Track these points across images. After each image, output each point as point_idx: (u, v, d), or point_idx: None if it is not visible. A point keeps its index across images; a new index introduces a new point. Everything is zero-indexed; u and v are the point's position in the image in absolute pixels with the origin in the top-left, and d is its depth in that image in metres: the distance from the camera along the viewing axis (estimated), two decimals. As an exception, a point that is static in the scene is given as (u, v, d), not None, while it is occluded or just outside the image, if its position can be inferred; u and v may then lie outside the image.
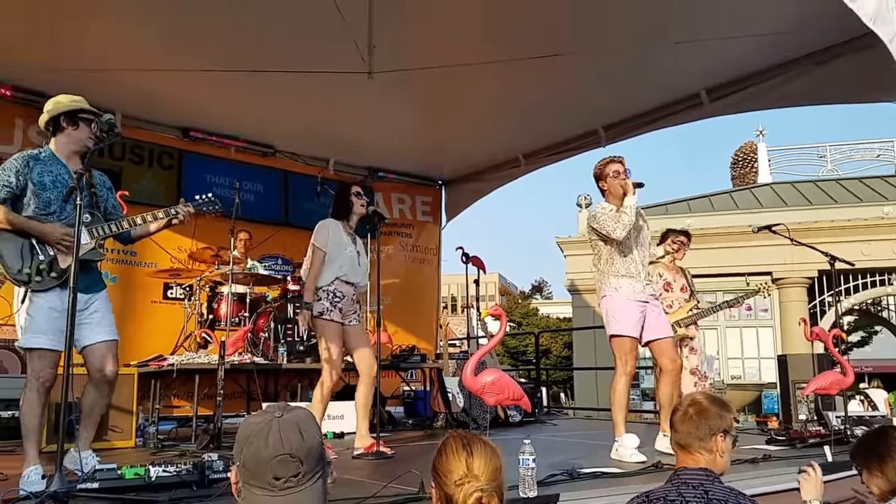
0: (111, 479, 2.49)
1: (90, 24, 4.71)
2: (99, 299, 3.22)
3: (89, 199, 3.18)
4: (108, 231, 3.21)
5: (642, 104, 6.23)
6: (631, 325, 3.85)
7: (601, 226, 3.86)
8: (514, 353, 28.18)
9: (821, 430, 4.60)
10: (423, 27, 4.93)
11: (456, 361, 6.19)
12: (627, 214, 3.79)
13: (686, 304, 5.17)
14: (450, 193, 8.60)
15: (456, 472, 1.41)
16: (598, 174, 3.99)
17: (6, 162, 3.07)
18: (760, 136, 18.16)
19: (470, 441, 1.46)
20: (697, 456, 1.90)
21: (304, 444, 1.26)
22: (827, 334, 4.61)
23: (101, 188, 3.32)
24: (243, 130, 6.94)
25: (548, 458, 3.41)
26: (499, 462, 1.44)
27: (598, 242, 3.97)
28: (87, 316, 3.15)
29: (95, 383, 3.20)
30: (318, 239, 4.04)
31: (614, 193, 3.92)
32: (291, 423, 1.27)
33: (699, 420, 1.91)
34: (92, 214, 3.18)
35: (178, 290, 6.36)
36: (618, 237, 3.81)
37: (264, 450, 1.24)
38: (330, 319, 4.00)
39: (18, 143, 5.89)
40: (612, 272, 3.90)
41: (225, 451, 4.11)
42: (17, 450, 4.17)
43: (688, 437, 1.91)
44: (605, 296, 3.93)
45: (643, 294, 3.91)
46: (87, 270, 3.18)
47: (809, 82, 5.21)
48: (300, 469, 1.25)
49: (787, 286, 14.16)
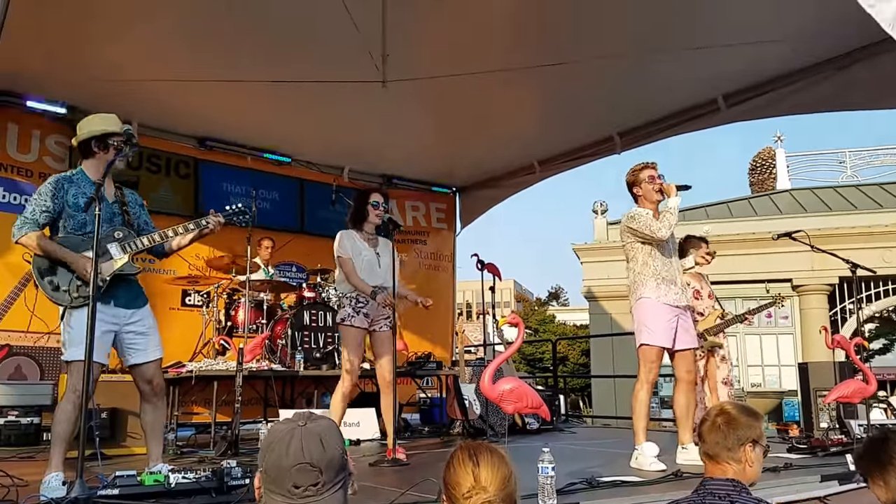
0: (131, 485, 2.51)
1: (110, 35, 4.78)
2: (142, 315, 3.28)
3: (122, 218, 3.28)
4: (141, 245, 3.27)
5: (658, 110, 6.20)
6: (664, 335, 3.80)
7: (643, 226, 3.79)
8: (530, 360, 28.08)
9: (843, 438, 4.51)
10: (436, 36, 4.95)
11: (472, 368, 6.16)
12: (673, 215, 3.76)
13: (713, 312, 5.11)
14: (464, 200, 8.61)
15: (464, 484, 1.40)
16: (633, 180, 3.95)
17: (41, 186, 3.17)
18: (779, 141, 17.98)
19: (477, 451, 1.44)
20: (725, 466, 1.86)
21: (325, 454, 1.26)
22: (848, 342, 4.54)
23: (133, 205, 3.40)
24: (259, 139, 7.00)
25: (567, 467, 3.38)
26: (507, 470, 1.42)
27: (636, 245, 3.89)
28: (133, 334, 3.23)
29: (146, 397, 3.28)
30: (340, 249, 4.14)
31: (649, 198, 3.89)
32: (314, 434, 1.29)
33: (727, 430, 1.87)
34: (125, 231, 3.26)
35: (195, 297, 6.42)
36: (663, 237, 3.76)
37: (285, 458, 1.26)
38: (350, 325, 4.07)
39: (35, 152, 6.00)
40: (651, 274, 3.83)
41: (243, 457, 4.14)
42: (37, 456, 4.24)
43: (716, 447, 1.88)
44: (642, 298, 3.85)
45: (681, 300, 3.88)
46: (127, 286, 3.25)
47: (828, 88, 5.16)
48: (319, 479, 1.26)
49: (808, 293, 13.96)
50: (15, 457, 4.19)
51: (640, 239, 3.87)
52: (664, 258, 3.88)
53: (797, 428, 6.28)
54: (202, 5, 4.54)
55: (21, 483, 2.98)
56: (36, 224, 3.07)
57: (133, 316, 3.24)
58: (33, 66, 5.10)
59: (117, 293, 3.18)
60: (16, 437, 4.79)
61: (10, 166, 5.86)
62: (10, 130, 5.86)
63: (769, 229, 9.69)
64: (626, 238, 3.96)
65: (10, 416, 4.83)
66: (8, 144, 5.85)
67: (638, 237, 3.87)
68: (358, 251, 4.15)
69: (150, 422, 3.31)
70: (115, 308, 3.17)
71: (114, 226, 3.22)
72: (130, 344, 3.22)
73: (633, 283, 3.92)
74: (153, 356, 3.27)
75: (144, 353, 3.24)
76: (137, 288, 3.35)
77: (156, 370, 3.29)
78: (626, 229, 3.94)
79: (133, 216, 3.34)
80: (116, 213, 3.26)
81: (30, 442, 4.80)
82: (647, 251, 3.86)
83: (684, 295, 3.96)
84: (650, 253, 3.86)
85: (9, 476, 2.94)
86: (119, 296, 3.19)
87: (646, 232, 3.79)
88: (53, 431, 3.05)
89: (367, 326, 4.13)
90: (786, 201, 15.90)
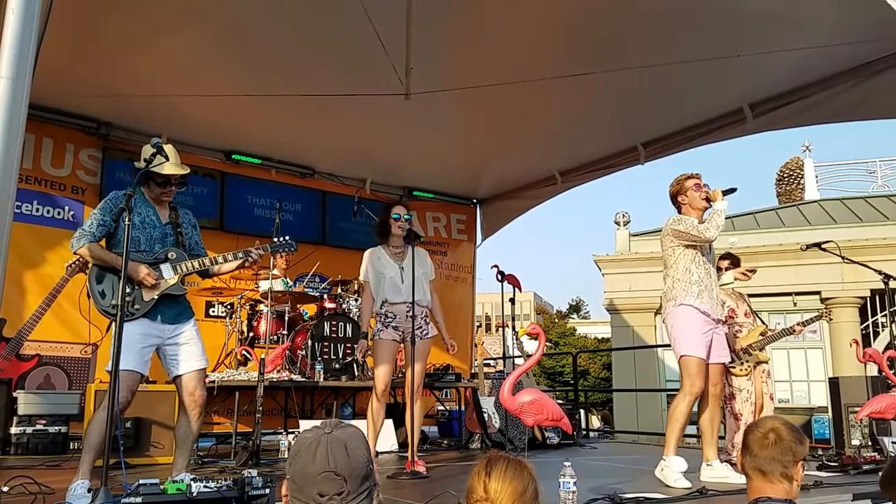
0: (154, 493, 2.53)
1: (140, 51, 4.88)
2: (187, 330, 3.38)
3: (175, 238, 3.41)
4: (191, 268, 3.39)
5: (683, 120, 6.14)
6: (701, 345, 3.76)
7: (691, 226, 3.78)
8: (551, 373, 27.83)
9: (875, 455, 4.38)
10: (460, 48, 4.97)
11: (491, 381, 6.13)
12: (720, 216, 3.74)
13: (755, 328, 5.02)
14: (485, 212, 8.60)
15: (475, 492, 1.42)
16: (678, 190, 3.98)
17: (102, 202, 3.32)
18: (807, 151, 17.70)
19: (493, 463, 1.45)
20: (777, 484, 1.80)
21: (349, 462, 1.26)
22: (881, 355, 4.43)
23: (187, 226, 3.52)
24: (283, 152, 7.09)
25: (588, 483, 3.33)
26: (522, 485, 1.41)
27: (678, 249, 3.87)
28: (176, 346, 3.33)
29: (187, 409, 3.35)
30: (361, 272, 4.30)
31: (695, 206, 3.90)
32: (339, 441, 1.28)
33: (785, 446, 1.83)
34: (177, 252, 3.37)
35: (219, 308, 6.48)
36: (711, 237, 3.75)
37: (310, 465, 1.26)
38: (380, 339, 4.18)
39: (69, 167, 6.13)
40: (694, 281, 3.79)
41: (263, 467, 4.16)
42: (64, 465, 4.30)
43: (772, 464, 1.82)
44: (682, 304, 3.79)
45: (717, 312, 3.85)
46: (174, 303, 3.37)
47: (858, 96, 5.05)
48: (344, 487, 1.25)
49: (838, 306, 13.64)
50: (43, 465, 4.25)
51: (687, 241, 3.84)
52: (707, 267, 3.86)
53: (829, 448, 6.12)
54: (229, 22, 4.62)
55: (48, 491, 3.03)
56: (93, 236, 3.22)
57: (176, 330, 3.34)
58: (67, 80, 5.22)
59: (164, 310, 3.30)
60: (43, 445, 4.88)
61: (44, 180, 6.00)
62: (44, 144, 6.01)
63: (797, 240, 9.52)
64: (669, 242, 3.92)
65: (39, 425, 4.92)
66: (42, 159, 6.00)
67: (684, 240, 3.84)
68: (382, 269, 4.22)
69: (183, 433, 3.39)
70: (161, 324, 3.29)
71: (166, 246, 3.36)
72: (173, 356, 3.32)
73: (672, 290, 3.87)
74: (195, 366, 3.35)
75: (187, 363, 3.33)
76: (184, 304, 3.46)
77: (198, 381, 3.35)
78: (671, 232, 3.90)
79: (185, 237, 3.48)
80: (169, 233, 3.40)
81: (57, 451, 4.88)
82: (691, 257, 3.84)
83: (720, 308, 3.92)
84: (693, 259, 3.83)
85: (36, 483, 2.99)
86: (165, 312, 3.31)
87: (693, 233, 3.77)
88: (85, 439, 3.16)
89: (399, 339, 4.18)
90: (814, 212, 15.62)
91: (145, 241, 3.31)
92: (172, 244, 3.39)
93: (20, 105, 1.71)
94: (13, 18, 1.72)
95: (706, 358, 3.79)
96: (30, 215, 5.87)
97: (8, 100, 1.68)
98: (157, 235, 3.35)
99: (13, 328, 5.23)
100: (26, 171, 5.84)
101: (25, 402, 5.00)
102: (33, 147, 5.94)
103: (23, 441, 4.84)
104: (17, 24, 1.72)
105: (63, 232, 5.92)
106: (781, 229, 14.59)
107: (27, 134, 5.77)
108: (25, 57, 1.73)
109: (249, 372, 5.18)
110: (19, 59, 1.71)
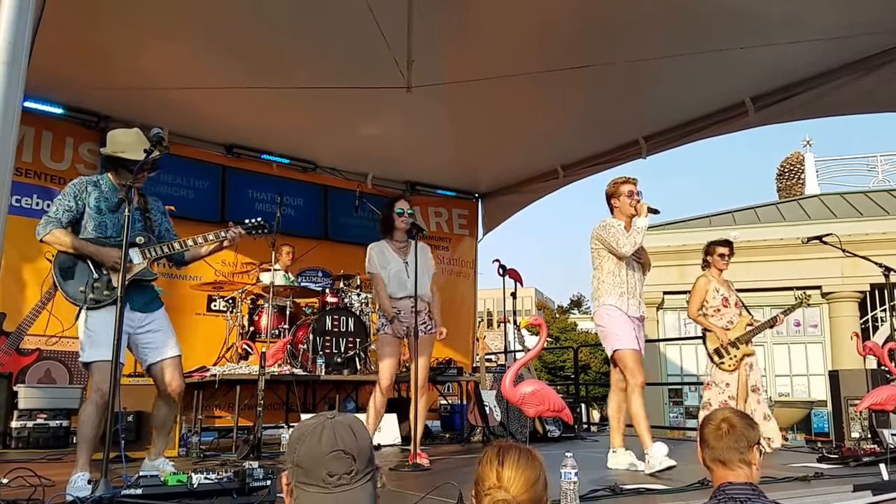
0: (154, 485, 2.53)
1: (139, 45, 4.87)
2: (157, 318, 3.34)
3: (144, 224, 3.34)
4: (160, 252, 3.33)
5: (684, 114, 6.13)
6: (631, 338, 3.96)
7: (611, 238, 3.99)
8: (552, 368, 27.84)
9: (875, 447, 4.38)
10: (462, 41, 4.95)
11: (493, 375, 6.13)
12: (639, 234, 3.95)
13: (741, 319, 5.02)
14: (486, 206, 8.59)
15: (487, 480, 1.41)
16: (612, 192, 4.13)
17: (66, 187, 3.25)
18: (808, 146, 17.67)
19: (505, 451, 1.45)
20: (738, 470, 1.90)
21: (357, 442, 1.28)
22: (881, 348, 4.43)
23: (156, 212, 3.46)
24: (285, 146, 7.08)
25: (589, 474, 3.33)
26: (534, 475, 1.41)
27: (603, 253, 4.08)
28: (147, 335, 3.28)
29: (164, 398, 3.33)
30: (369, 266, 4.27)
31: (624, 212, 4.07)
32: (344, 424, 1.30)
33: (738, 434, 1.92)
34: (146, 237, 3.32)
35: (220, 303, 6.48)
36: (624, 253, 3.95)
37: (317, 447, 1.26)
38: (385, 334, 4.17)
39: (68, 160, 6.12)
40: (616, 284, 4.00)
41: (265, 460, 4.16)
42: (64, 458, 4.30)
43: (728, 452, 1.91)
44: (606, 305, 4.00)
45: (637, 311, 4.05)
46: (143, 290, 3.31)
47: (861, 89, 5.04)
48: (353, 466, 1.26)
49: (838, 301, 13.64)
50: (44, 458, 4.25)
51: (606, 248, 4.05)
52: (629, 271, 4.06)
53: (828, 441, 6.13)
54: (230, 15, 4.60)
55: (48, 483, 3.03)
56: (59, 222, 3.15)
57: (146, 319, 3.29)
58: (65, 74, 5.21)
59: (132, 297, 3.21)
60: (44, 439, 4.88)
61: (44, 174, 6.00)
62: (44, 138, 6.00)
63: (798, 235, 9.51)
64: (595, 245, 4.12)
65: (39, 419, 4.92)
66: (42, 152, 5.99)
67: (605, 246, 4.05)
68: (386, 264, 4.21)
69: (162, 416, 3.36)
70: (130, 312, 3.21)
71: (135, 231, 3.27)
72: (145, 345, 3.27)
73: (597, 290, 4.09)
74: (170, 354, 3.30)
75: (160, 350, 3.28)
76: (152, 292, 3.39)
77: (173, 370, 3.30)
78: (597, 236, 4.10)
79: (154, 222, 3.40)
80: (137, 218, 3.32)
81: (58, 444, 4.88)
82: (615, 261, 4.05)
83: (641, 307, 4.10)
84: (617, 263, 4.04)
85: (37, 476, 2.99)
86: (134, 299, 3.23)
87: (612, 244, 3.98)
88: (79, 433, 3.11)
89: (403, 334, 4.17)
90: (815, 206, 15.60)
91: (112, 227, 3.23)
92: (141, 230, 3.31)
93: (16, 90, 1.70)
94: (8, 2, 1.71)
95: (639, 349, 3.97)
96: (29, 209, 5.86)
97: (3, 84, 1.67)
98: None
99: (13, 322, 5.24)
100: (26, 164, 5.84)
101: (26, 396, 5.01)
102: (33, 141, 5.93)
103: (24, 435, 4.84)
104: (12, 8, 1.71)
105: (63, 226, 5.93)
106: (782, 224, 14.57)
107: (27, 128, 5.86)
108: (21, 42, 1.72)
109: (251, 366, 5.18)
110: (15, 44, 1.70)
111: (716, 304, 5.01)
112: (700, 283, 5.08)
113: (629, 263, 4.07)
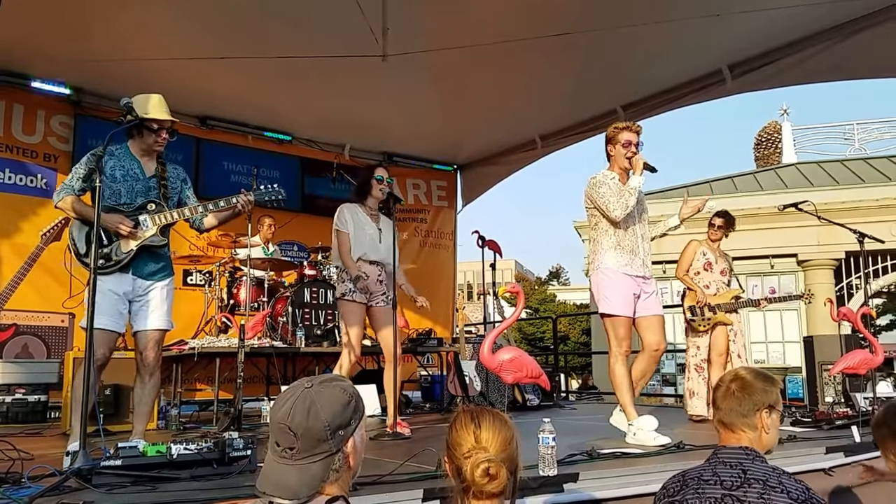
0: (133, 456, 2.51)
1: (110, 14, 4.72)
2: (158, 287, 3.34)
3: (158, 192, 3.35)
4: (170, 218, 3.34)
5: (662, 82, 6.11)
6: (624, 303, 3.69)
7: (601, 199, 3.67)
8: (531, 339, 28.14)
9: (848, 411, 4.50)
10: (437, 8, 4.86)
11: (472, 345, 6.17)
12: (631, 196, 3.62)
13: (727, 289, 5.11)
14: (465, 177, 8.56)
15: (465, 444, 1.42)
16: (610, 137, 3.79)
17: (84, 157, 3.25)
18: (785, 115, 17.80)
19: (479, 414, 1.46)
20: (741, 434, 1.82)
21: (306, 422, 1.25)
22: (854, 313, 4.52)
23: (175, 181, 3.47)
24: (259, 117, 6.95)
25: (567, 440, 3.39)
26: (509, 434, 1.44)
27: (597, 211, 3.77)
28: (145, 302, 3.30)
29: (139, 370, 3.32)
30: (339, 222, 4.15)
31: (619, 164, 3.75)
32: (307, 399, 1.28)
33: (742, 395, 1.82)
34: (157, 204, 3.33)
35: (197, 277, 6.42)
36: (616, 217, 3.65)
37: (277, 413, 1.29)
38: (351, 300, 4.07)
39: (40, 133, 5.99)
40: (611, 243, 3.72)
41: (245, 432, 4.16)
42: (44, 432, 4.28)
43: (730, 415, 1.83)
44: (599, 267, 3.74)
45: (641, 269, 3.74)
46: (154, 258, 3.34)
47: (836, 56, 5.05)
48: (295, 444, 1.26)
49: (813, 268, 13.91)
50: (22, 433, 4.25)
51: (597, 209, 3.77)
52: (629, 226, 3.75)
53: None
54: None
55: (27, 457, 3.01)
56: (72, 190, 3.20)
57: (150, 287, 3.31)
58: (36, 46, 5.06)
59: (140, 264, 3.28)
60: (23, 414, 4.87)
61: (15, 147, 5.87)
62: (15, 111, 5.85)
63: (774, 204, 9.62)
64: (588, 203, 3.82)
65: (18, 394, 4.90)
66: (13, 125, 5.84)
67: (595, 206, 3.76)
68: (360, 225, 4.16)
69: (137, 396, 3.35)
70: (136, 278, 3.27)
71: (149, 198, 3.31)
72: (136, 311, 3.29)
73: (593, 253, 3.84)
74: (153, 325, 3.29)
75: (146, 320, 3.29)
76: (164, 262, 3.40)
77: (153, 343, 3.29)
78: (588, 194, 3.80)
79: (172, 189, 3.42)
80: (153, 186, 3.34)
81: (37, 419, 4.88)
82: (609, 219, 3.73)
83: (646, 265, 3.79)
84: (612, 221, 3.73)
85: (16, 449, 2.97)
86: (141, 267, 3.28)
87: (602, 206, 3.68)
88: (73, 400, 3.22)
89: (367, 302, 4.14)
90: (792, 175, 15.78)
91: (126, 194, 3.27)
92: (156, 197, 3.33)
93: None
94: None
95: (632, 314, 3.73)
96: (2, 184, 5.73)
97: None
98: (140, 189, 3.30)
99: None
100: (-3, 138, 5.69)
101: (3, 371, 4.97)
102: (3, 114, 5.78)
103: (2, 410, 4.82)
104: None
105: (36, 200, 5.80)
106: (759, 192, 14.74)
107: (-4, 101, 5.68)
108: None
109: (230, 339, 5.16)
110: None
111: (697, 266, 5.11)
112: (690, 247, 5.17)
113: (629, 216, 3.72)
